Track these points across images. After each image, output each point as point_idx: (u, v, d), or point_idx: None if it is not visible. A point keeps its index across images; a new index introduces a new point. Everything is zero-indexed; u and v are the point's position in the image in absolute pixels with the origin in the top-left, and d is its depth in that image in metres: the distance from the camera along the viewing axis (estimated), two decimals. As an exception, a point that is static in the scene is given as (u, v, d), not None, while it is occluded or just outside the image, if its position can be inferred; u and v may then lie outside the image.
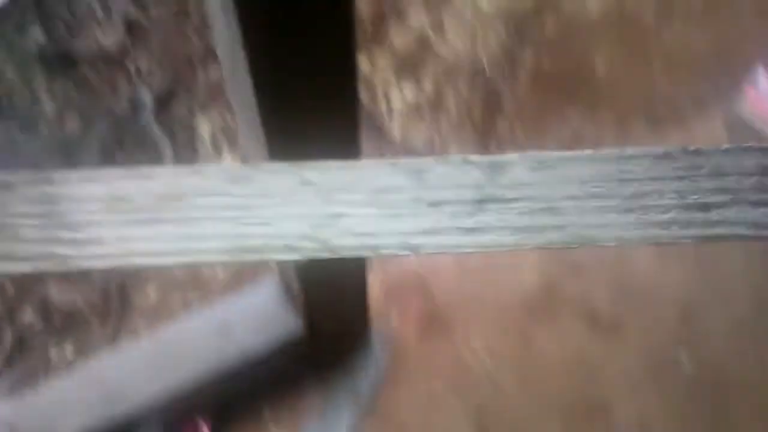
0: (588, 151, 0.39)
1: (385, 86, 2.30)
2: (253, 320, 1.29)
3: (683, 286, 1.59)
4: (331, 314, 1.33)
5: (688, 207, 0.37)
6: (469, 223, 0.37)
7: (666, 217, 0.37)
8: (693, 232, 0.37)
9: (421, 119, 2.26)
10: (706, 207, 0.37)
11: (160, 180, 0.36)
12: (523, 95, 2.30)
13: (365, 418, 1.43)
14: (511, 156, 0.39)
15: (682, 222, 0.37)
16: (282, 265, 1.24)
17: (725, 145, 0.43)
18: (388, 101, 2.26)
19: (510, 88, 2.32)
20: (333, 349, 1.45)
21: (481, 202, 0.37)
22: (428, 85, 2.29)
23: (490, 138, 2.23)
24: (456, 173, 0.38)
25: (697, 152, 0.41)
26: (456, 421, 1.44)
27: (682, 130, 1.97)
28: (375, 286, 1.65)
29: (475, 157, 0.39)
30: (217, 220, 0.36)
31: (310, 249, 0.36)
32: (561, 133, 2.22)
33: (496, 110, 2.28)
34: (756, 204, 0.38)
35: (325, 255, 0.36)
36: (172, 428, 1.37)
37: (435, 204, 0.37)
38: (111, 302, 1.84)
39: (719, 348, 1.53)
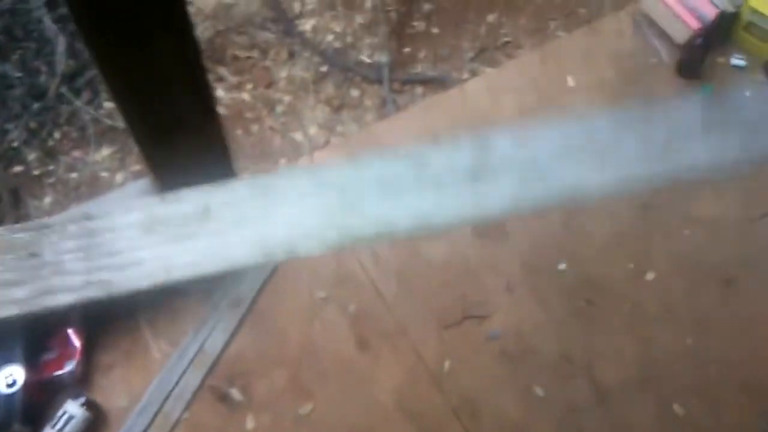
0: (554, 120, 0.42)
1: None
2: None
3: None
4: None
5: (651, 151, 0.41)
6: (468, 194, 0.40)
7: (641, 165, 0.41)
8: (660, 168, 0.42)
9: (335, 17, 2.17)
10: (667, 148, 0.42)
11: (188, 201, 0.39)
12: (440, -8, 2.22)
13: (245, 324, 1.43)
14: (495, 133, 0.43)
15: (648, 163, 0.41)
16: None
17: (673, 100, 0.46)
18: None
19: (426, -15, 2.23)
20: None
21: (475, 177, 0.41)
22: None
23: (404, 37, 2.16)
24: (449, 153, 0.42)
25: (649, 106, 0.45)
26: (335, 328, 1.47)
27: (592, 29, 1.93)
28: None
29: (464, 139, 0.43)
30: (242, 226, 0.39)
31: (329, 239, 0.38)
32: (477, 31, 2.16)
33: (412, 7, 2.20)
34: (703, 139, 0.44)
35: (348, 241, 0.39)
36: (40, 341, 1.35)
37: (438, 182, 0.40)
38: (3, 206, 1.80)
39: (596, 258, 1.57)
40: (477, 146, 0.44)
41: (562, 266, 1.58)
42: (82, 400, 1.32)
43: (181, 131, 1.09)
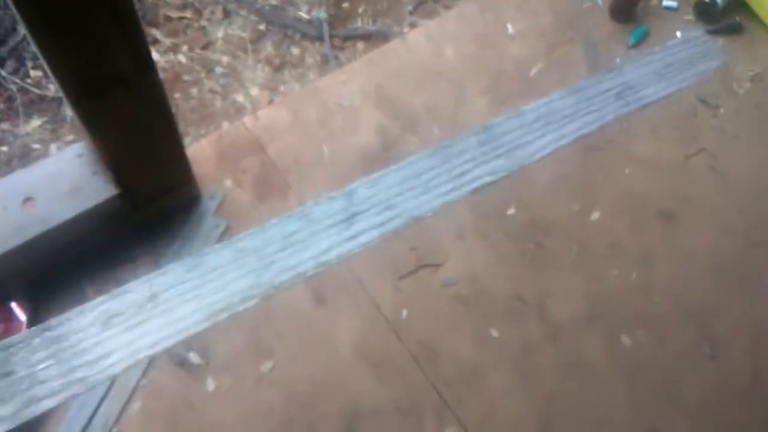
0: (393, 166, 0.56)
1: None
2: (57, 188, 1.21)
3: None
4: (144, 176, 1.27)
5: (456, 176, 0.55)
6: (349, 233, 0.53)
7: (449, 186, 0.55)
8: (464, 189, 0.53)
9: None
10: (463, 174, 0.55)
11: (135, 291, 0.43)
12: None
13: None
14: (354, 184, 0.54)
15: (458, 186, 0.55)
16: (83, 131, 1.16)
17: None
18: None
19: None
20: (157, 212, 1.39)
21: (350, 218, 0.54)
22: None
23: (336, 20, 2.11)
24: (328, 206, 0.53)
25: (445, 146, 0.54)
26: (291, 286, 1.45)
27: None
28: (207, 148, 1.60)
29: (335, 193, 0.53)
30: (186, 302, 0.45)
31: (262, 292, 0.47)
32: (401, 13, 2.14)
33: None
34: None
35: (271, 293, 0.49)
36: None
37: (325, 230, 0.53)
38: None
39: (543, 202, 1.61)
40: (345, 195, 0.56)
41: (511, 211, 1.61)
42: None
43: (117, 86, 1.05)
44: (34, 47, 1.02)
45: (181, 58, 1.96)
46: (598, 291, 1.55)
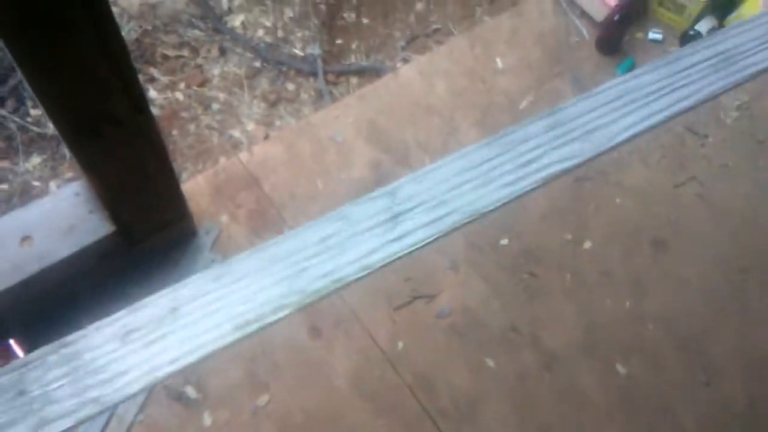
0: (445, 158, 0.51)
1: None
2: (54, 227, 1.23)
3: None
4: (140, 213, 1.29)
5: (522, 165, 0.52)
6: (394, 234, 0.47)
7: (512, 177, 0.50)
8: (530, 180, 0.53)
9: (264, 11, 2.16)
10: (530, 162, 0.51)
11: (155, 305, 0.42)
12: (367, -18, 2.24)
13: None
14: (399, 181, 0.50)
15: (522, 177, 0.52)
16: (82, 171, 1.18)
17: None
18: (229, -7, 2.15)
19: (354, -24, 2.25)
20: (153, 249, 1.42)
21: (395, 218, 0.48)
22: (269, -26, 2.18)
23: (335, 29, 2.17)
24: (368, 206, 0.48)
25: (506, 134, 0.53)
26: (287, 320, 1.47)
27: (516, 12, 1.99)
28: (203, 184, 1.63)
29: (376, 192, 0.50)
30: (211, 314, 0.42)
31: (294, 303, 0.44)
32: (407, 20, 2.20)
33: (342, 0, 2.21)
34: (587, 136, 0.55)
35: (307, 301, 0.44)
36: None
37: (367, 231, 0.47)
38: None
39: (535, 232, 1.63)
40: (387, 194, 0.54)
41: (504, 241, 1.63)
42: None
43: (111, 127, 1.08)
44: (29, 89, 1.05)
45: (179, 96, 2.00)
46: (592, 320, 1.57)
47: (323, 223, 0.49)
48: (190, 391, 1.37)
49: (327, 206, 1.67)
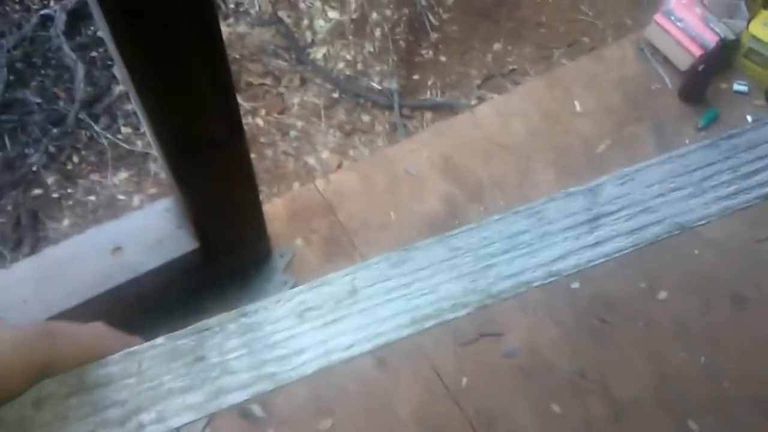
0: (655, 159, 0.48)
1: (310, 12, 2.26)
2: (144, 240, 1.29)
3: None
4: (224, 232, 1.34)
5: (743, 176, 0.46)
6: (590, 239, 0.44)
7: (731, 189, 0.45)
8: (754, 194, 0.45)
9: (345, 45, 2.23)
10: (754, 173, 0.46)
11: (334, 284, 0.41)
12: (447, 22, 2.29)
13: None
14: (601, 178, 0.46)
15: (743, 189, 0.45)
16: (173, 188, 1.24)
17: (751, 123, 0.52)
18: (313, 28, 2.23)
19: (434, 15, 2.29)
20: (231, 267, 1.46)
21: (593, 221, 0.44)
22: (353, 11, 2.25)
23: (413, 64, 2.22)
24: (565, 203, 0.45)
25: (731, 135, 0.50)
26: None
27: (596, 56, 1.99)
28: (281, 208, 1.67)
29: (573, 188, 0.46)
30: (389, 302, 0.41)
31: (473, 302, 0.41)
32: (484, 59, 2.23)
33: (420, 36, 2.26)
34: None
35: (488, 302, 0.42)
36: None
37: (559, 233, 0.44)
38: (23, 228, 1.82)
39: (608, 278, 1.60)
40: (587, 192, 0.49)
41: (575, 285, 1.61)
42: None
43: (210, 150, 1.13)
44: (138, 110, 1.12)
45: (259, 122, 2.07)
46: (665, 372, 1.52)
47: (513, 217, 0.45)
48: (256, 409, 1.39)
49: (399, 236, 1.69)
